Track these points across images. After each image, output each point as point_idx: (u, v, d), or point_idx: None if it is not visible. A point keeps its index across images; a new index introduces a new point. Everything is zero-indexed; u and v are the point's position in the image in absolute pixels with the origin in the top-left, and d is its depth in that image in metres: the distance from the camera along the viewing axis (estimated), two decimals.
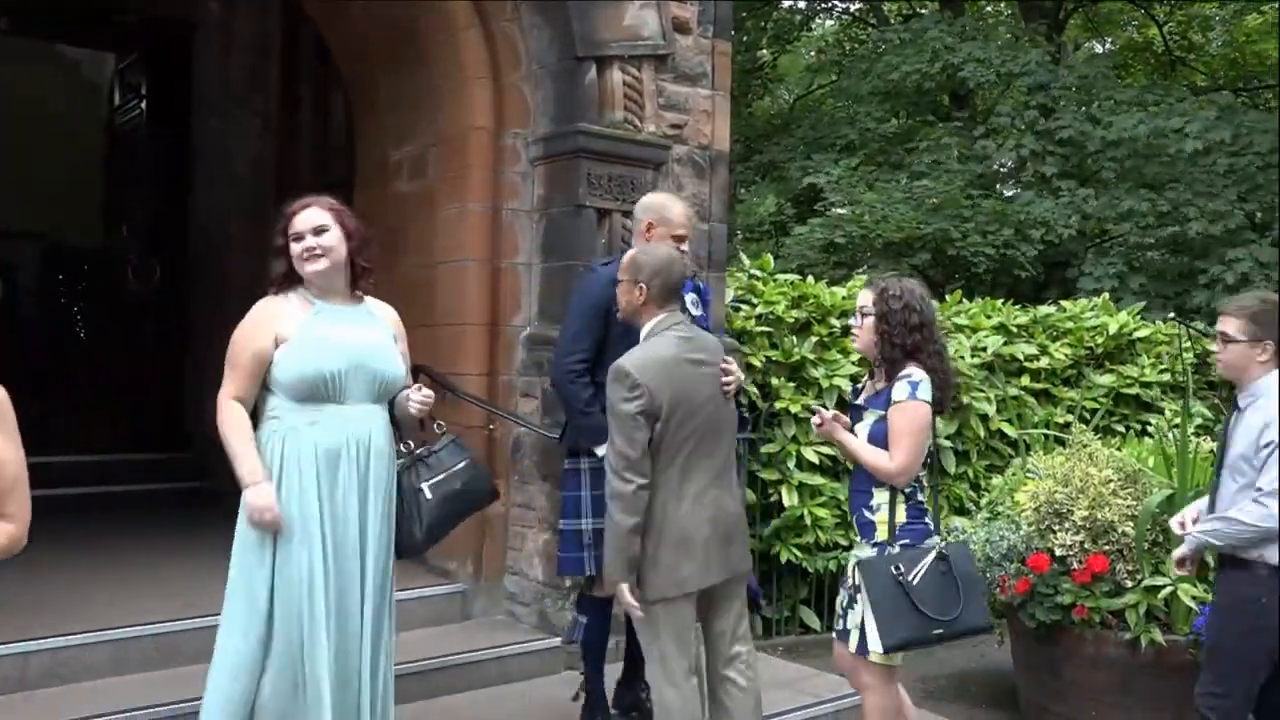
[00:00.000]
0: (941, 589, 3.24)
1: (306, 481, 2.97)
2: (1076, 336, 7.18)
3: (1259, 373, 3.47)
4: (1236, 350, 3.49)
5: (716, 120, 5.41)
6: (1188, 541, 3.53)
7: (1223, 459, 3.55)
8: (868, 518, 3.38)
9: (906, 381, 3.30)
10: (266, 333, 3.03)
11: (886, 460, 3.29)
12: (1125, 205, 10.76)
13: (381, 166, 5.74)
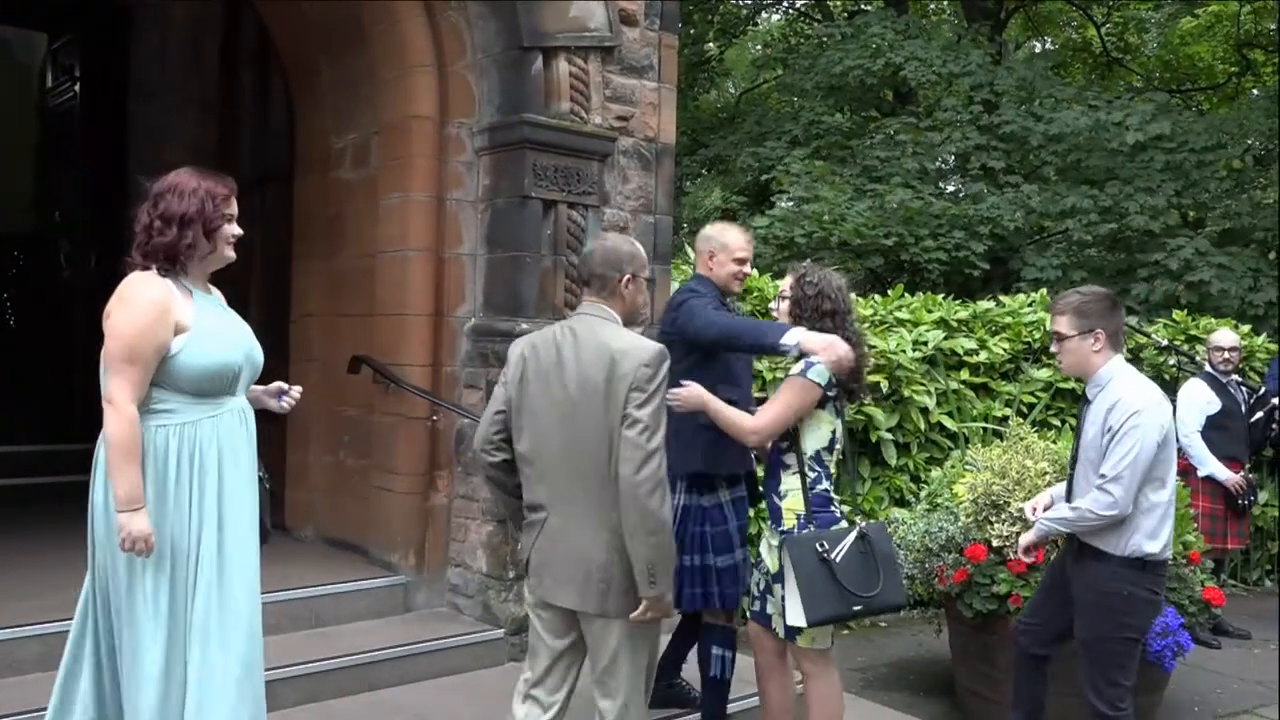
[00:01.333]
0: (862, 567, 3.40)
1: (208, 476, 2.85)
2: (1015, 331, 7.30)
3: (1099, 362, 3.62)
4: (1072, 346, 3.64)
5: (663, 113, 5.42)
6: (1035, 529, 3.71)
7: (1076, 452, 3.70)
8: (776, 503, 3.54)
9: (805, 360, 3.47)
10: (168, 321, 2.80)
11: (748, 420, 3.47)
12: (1068, 201, 10.98)
13: (323, 154, 5.66)
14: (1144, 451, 3.44)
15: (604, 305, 3.11)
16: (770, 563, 3.55)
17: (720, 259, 4.02)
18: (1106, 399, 3.55)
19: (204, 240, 2.90)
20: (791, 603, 3.39)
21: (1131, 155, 11.36)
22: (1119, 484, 3.43)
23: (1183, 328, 8.02)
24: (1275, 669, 5.79)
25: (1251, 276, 10.41)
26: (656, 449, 2.87)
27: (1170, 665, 4.42)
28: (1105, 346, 3.61)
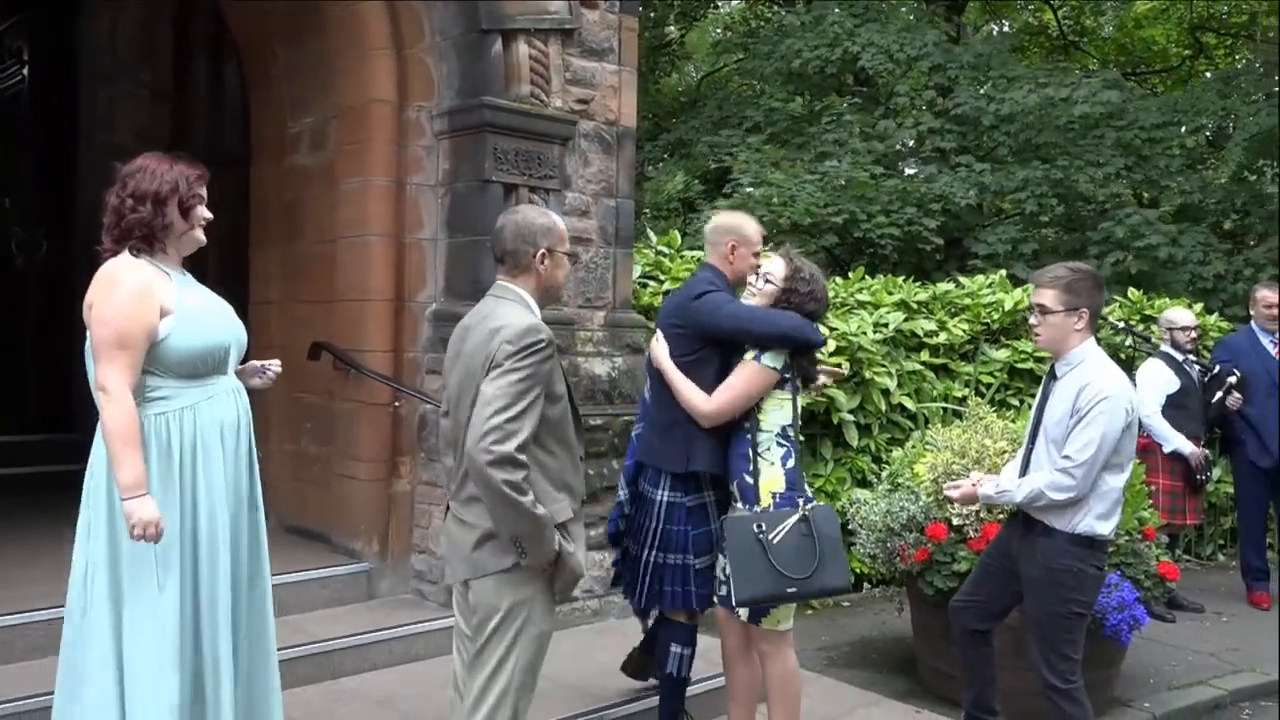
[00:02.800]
0: (800, 550, 3.41)
1: (213, 459, 2.84)
2: (974, 313, 7.37)
3: (1076, 341, 3.63)
4: (1055, 321, 3.63)
5: (623, 96, 5.42)
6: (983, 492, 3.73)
7: (1037, 424, 3.72)
8: (749, 482, 3.54)
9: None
10: (154, 305, 2.75)
11: (703, 400, 3.53)
12: (1020, 175, 11.13)
13: (279, 138, 5.60)
14: (1108, 437, 3.49)
15: (514, 284, 2.99)
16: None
17: (741, 252, 3.89)
18: (1076, 379, 3.58)
19: (180, 219, 2.85)
20: (741, 580, 3.45)
21: (1083, 132, 11.53)
22: (1081, 468, 3.47)
23: (1138, 307, 8.14)
24: (1228, 641, 5.91)
25: (1202, 250, 10.61)
26: (498, 426, 2.69)
27: (1127, 639, 4.51)
28: (1086, 326, 3.64)
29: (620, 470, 5.12)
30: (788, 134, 13.35)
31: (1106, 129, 11.47)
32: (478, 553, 2.87)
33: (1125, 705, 4.87)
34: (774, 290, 3.62)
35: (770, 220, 11.05)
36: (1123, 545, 4.67)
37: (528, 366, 2.77)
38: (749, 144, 12.50)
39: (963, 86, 12.41)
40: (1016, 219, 11.90)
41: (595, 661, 4.45)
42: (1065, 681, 3.62)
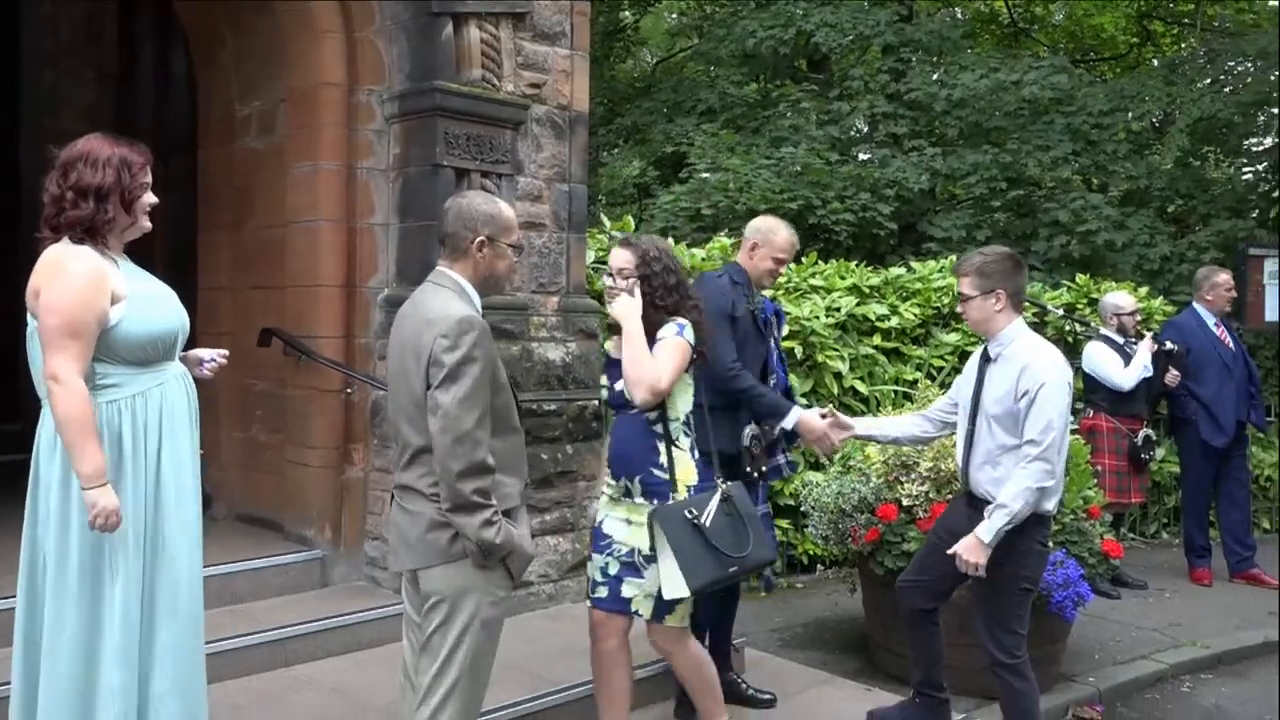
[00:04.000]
0: (730, 528, 3.41)
1: (164, 446, 2.81)
2: (925, 297, 7.46)
3: (1002, 322, 3.74)
4: (975, 305, 3.75)
5: (576, 80, 5.41)
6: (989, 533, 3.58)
7: (976, 407, 3.78)
8: (660, 477, 3.41)
9: (674, 323, 3.46)
10: (105, 291, 2.71)
11: (654, 370, 3.35)
12: (971, 159, 11.27)
13: (227, 122, 5.54)
14: (1062, 413, 3.58)
15: (452, 270, 2.96)
16: (638, 541, 3.41)
17: (761, 253, 4.15)
18: (1013, 360, 3.66)
19: (123, 213, 2.80)
20: (669, 575, 3.32)
21: (1033, 118, 11.69)
22: (1050, 449, 3.55)
23: (1085, 291, 8.28)
24: (1170, 617, 6.06)
25: (1148, 233, 10.81)
26: (467, 434, 2.70)
27: (1071, 615, 4.61)
28: (1007, 306, 3.73)
29: (574, 453, 5.17)
30: (743, 119, 13.39)
31: (1056, 114, 11.64)
32: (424, 541, 2.86)
33: (1070, 680, 4.99)
34: (634, 283, 3.48)
35: (726, 206, 11.11)
36: (1068, 524, 4.77)
37: (473, 368, 2.74)
38: (704, 129, 12.53)
39: (915, 70, 12.52)
40: (969, 204, 12.04)
41: (548, 645, 4.47)
42: (1011, 656, 3.70)
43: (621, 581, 3.43)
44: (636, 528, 3.42)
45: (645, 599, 3.42)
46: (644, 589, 3.41)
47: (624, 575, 3.43)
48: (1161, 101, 12.10)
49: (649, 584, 3.39)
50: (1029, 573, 3.73)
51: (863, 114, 12.53)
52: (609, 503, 3.53)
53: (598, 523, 3.55)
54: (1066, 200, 10.93)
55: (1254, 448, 8.03)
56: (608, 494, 3.54)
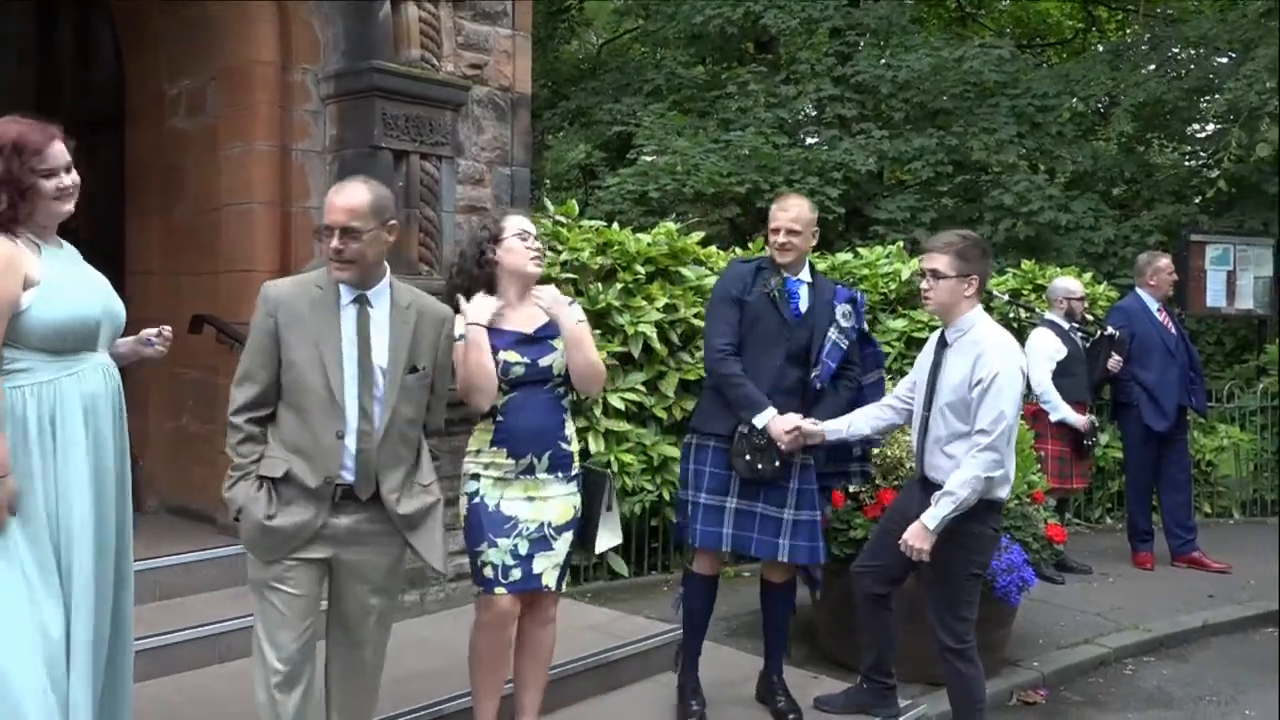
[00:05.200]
0: None
1: (73, 438, 2.73)
2: (872, 283, 7.54)
3: (966, 308, 3.75)
4: (946, 286, 3.73)
5: (517, 61, 5.38)
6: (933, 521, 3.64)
7: (931, 393, 3.80)
8: (567, 450, 3.52)
9: (571, 302, 3.57)
10: (18, 275, 2.65)
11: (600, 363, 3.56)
12: (917, 143, 11.39)
13: (156, 101, 5.43)
14: (1014, 403, 3.62)
15: None
16: (548, 514, 3.46)
17: (769, 235, 4.12)
18: (970, 347, 3.69)
19: (20, 202, 2.69)
20: (610, 528, 3.62)
21: (978, 100, 11.86)
22: (1001, 438, 3.59)
23: (1030, 277, 8.41)
24: (1113, 601, 6.21)
25: (1092, 216, 11.02)
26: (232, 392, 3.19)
27: (1016, 600, 4.70)
28: (975, 293, 3.76)
29: None
30: (691, 102, 13.42)
31: (1001, 97, 11.82)
32: None
33: (1015, 665, 5.09)
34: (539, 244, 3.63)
35: (674, 189, 11.14)
36: (1012, 509, 4.85)
37: (250, 330, 3.09)
38: (651, 110, 12.52)
39: (863, 53, 12.63)
40: (916, 189, 12.19)
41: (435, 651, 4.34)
42: (960, 642, 3.76)
43: (533, 559, 3.44)
44: (540, 502, 3.46)
45: (554, 569, 3.48)
46: (553, 559, 3.47)
47: (534, 552, 3.44)
48: (1106, 86, 12.32)
49: (558, 554, 3.48)
50: (979, 558, 3.79)
51: (810, 97, 12.61)
52: (498, 484, 3.44)
53: (490, 509, 3.43)
54: (1011, 184, 11.11)
55: (1195, 433, 8.23)
56: (494, 476, 3.44)
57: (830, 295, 4.14)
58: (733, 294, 4.07)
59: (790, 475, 4.04)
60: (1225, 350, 11.19)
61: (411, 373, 3.08)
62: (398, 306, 3.10)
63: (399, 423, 3.05)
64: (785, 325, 4.05)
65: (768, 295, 4.05)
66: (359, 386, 3.01)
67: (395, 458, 3.06)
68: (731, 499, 4.06)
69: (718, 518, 4.07)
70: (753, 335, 4.04)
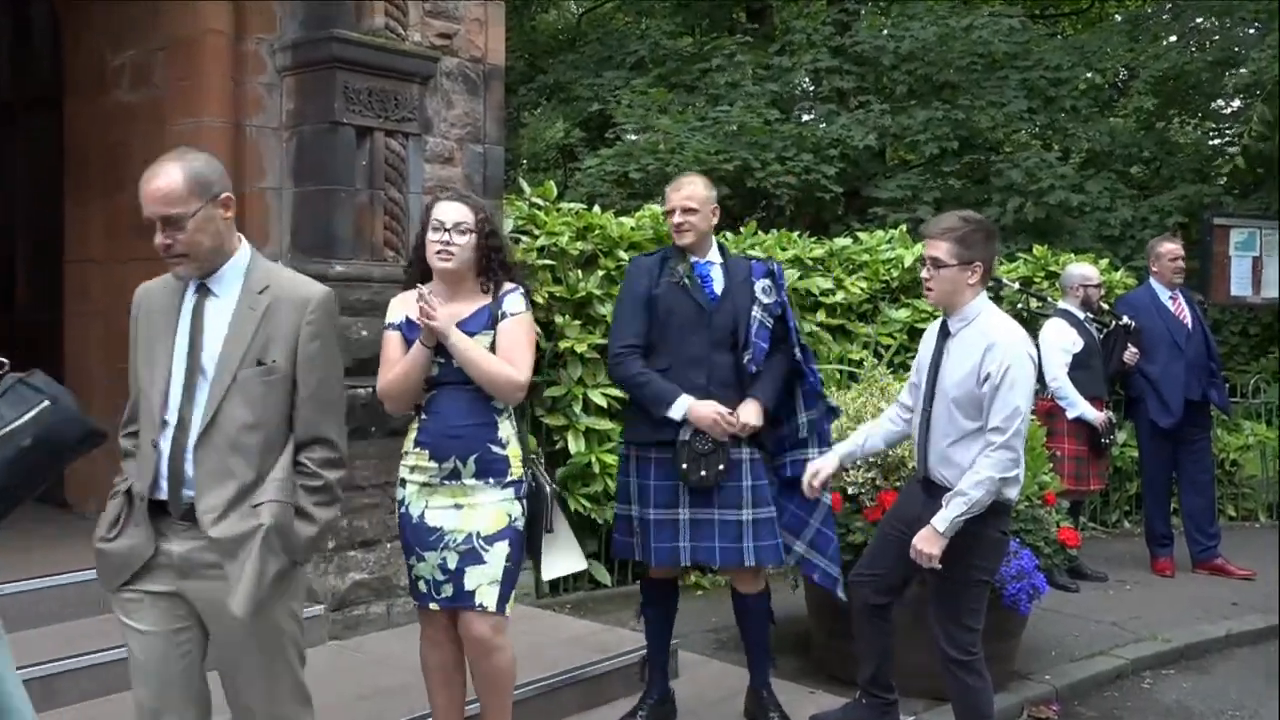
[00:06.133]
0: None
1: None
2: (873, 269, 7.57)
3: (969, 296, 3.74)
4: (948, 276, 3.71)
5: (490, 31, 5.38)
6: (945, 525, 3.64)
7: (933, 387, 3.81)
8: (498, 454, 3.42)
9: (518, 294, 3.50)
10: None
11: (514, 372, 3.40)
12: (921, 116, 11.42)
13: (98, 73, 5.40)
14: (1028, 399, 3.64)
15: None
16: (476, 524, 3.36)
17: (671, 218, 4.15)
18: (977, 338, 3.68)
19: None
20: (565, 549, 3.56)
21: (986, 73, 11.90)
22: (1017, 437, 3.59)
23: (1042, 263, 8.46)
24: (1130, 610, 6.26)
25: (1108, 196, 11.06)
26: None
27: (1025, 609, 4.73)
28: (979, 280, 3.76)
29: None
30: (676, 75, 13.42)
31: (1011, 69, 11.85)
32: None
33: (1025, 678, 5.12)
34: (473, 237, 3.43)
35: (657, 169, 11.14)
36: (1022, 511, 4.88)
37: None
38: (634, 86, 12.53)
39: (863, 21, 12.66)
40: (920, 169, 12.23)
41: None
42: (965, 653, 3.77)
43: (464, 573, 3.36)
44: (470, 510, 3.37)
45: (490, 586, 3.36)
46: (488, 574, 3.36)
47: (465, 565, 3.36)
48: (1124, 58, 12.39)
49: (492, 568, 3.36)
50: (986, 563, 3.79)
51: (806, 69, 12.63)
52: (423, 490, 3.42)
53: (414, 519, 3.41)
54: (1020, 160, 11.14)
55: (1218, 430, 8.29)
56: (419, 481, 3.42)
57: (746, 273, 4.17)
58: (638, 290, 4.10)
59: (741, 473, 4.05)
60: (1251, 342, 11.25)
61: (256, 367, 2.73)
62: (248, 292, 2.78)
63: (228, 428, 2.70)
64: (703, 312, 4.08)
65: (677, 284, 4.07)
66: (183, 387, 2.75)
67: (222, 471, 2.70)
68: (684, 510, 4.05)
69: (671, 532, 4.07)
70: (670, 329, 4.07)
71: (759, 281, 4.15)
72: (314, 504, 2.78)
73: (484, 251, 3.46)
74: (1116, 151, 12.23)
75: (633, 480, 4.15)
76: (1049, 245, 9.04)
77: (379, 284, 4.77)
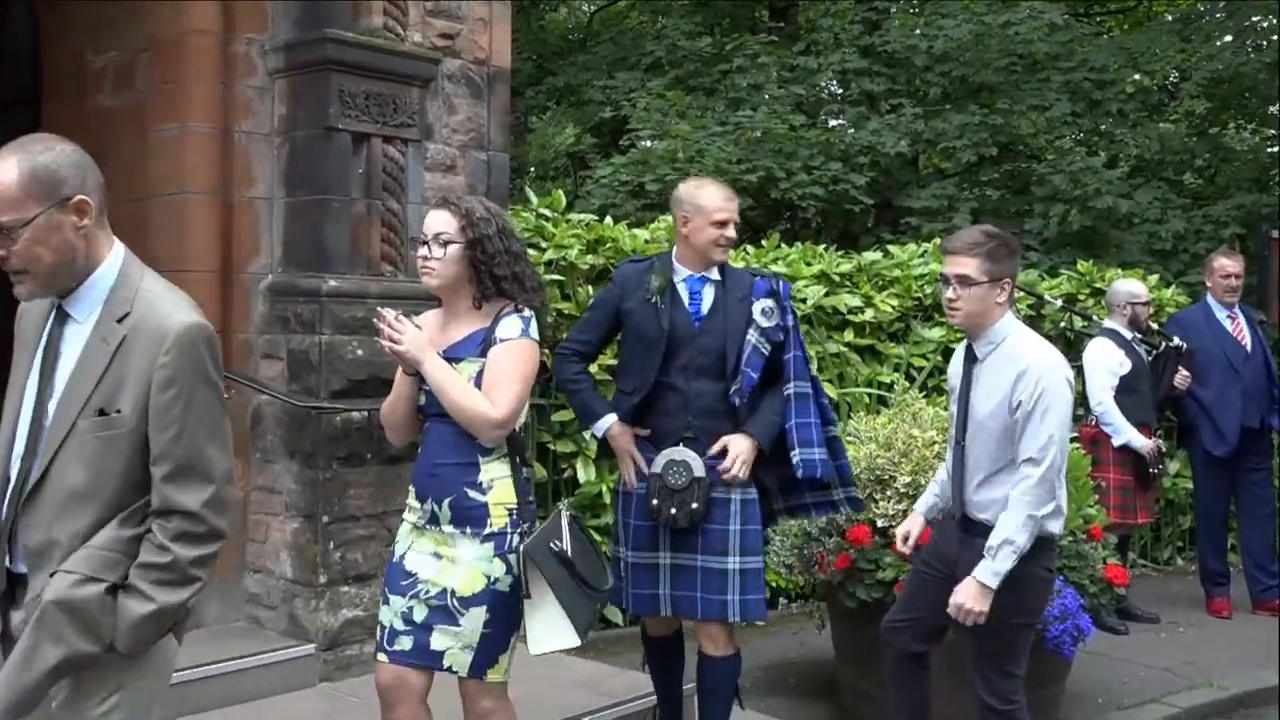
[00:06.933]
0: (584, 554, 3.29)
1: None
2: (905, 286, 7.56)
3: (997, 315, 3.71)
4: (977, 295, 3.66)
5: (495, 31, 5.41)
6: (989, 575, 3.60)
7: (965, 419, 3.77)
8: (476, 500, 3.20)
9: (518, 317, 3.25)
10: None
11: (488, 407, 3.14)
12: (957, 121, 11.42)
13: (77, 75, 5.46)
14: (1064, 426, 3.60)
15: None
16: (452, 580, 3.19)
17: (696, 224, 3.96)
18: (1007, 363, 3.65)
19: None
20: (550, 624, 3.21)
21: (1026, 74, 11.91)
22: (1054, 469, 3.55)
23: (1088, 279, 8.44)
24: (1184, 654, 6.21)
25: (1159, 206, 11.02)
26: None
27: (1070, 652, 4.69)
28: (1007, 299, 3.73)
29: None
30: (695, 77, 13.47)
31: (1053, 70, 11.86)
32: None
33: None
34: (458, 249, 3.22)
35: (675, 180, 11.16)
36: (1066, 546, 4.85)
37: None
38: (650, 89, 12.58)
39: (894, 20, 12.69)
40: (955, 177, 12.24)
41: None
42: (1006, 702, 3.72)
43: (431, 630, 3.18)
44: (448, 565, 3.20)
45: (463, 651, 3.18)
46: (461, 639, 3.18)
47: (434, 623, 3.18)
48: (1174, 59, 12.38)
49: (467, 633, 3.17)
50: (1033, 604, 3.73)
51: (833, 70, 12.66)
52: (412, 531, 3.31)
53: (395, 558, 3.31)
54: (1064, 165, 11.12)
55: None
56: (410, 521, 3.32)
57: (745, 291, 4.02)
58: (608, 299, 4.14)
59: (728, 515, 3.91)
60: None
61: (96, 417, 2.36)
62: (106, 319, 2.41)
63: (56, 491, 2.37)
64: (675, 335, 3.94)
65: (649, 302, 3.97)
66: (27, 434, 2.42)
67: (45, 545, 2.37)
68: (664, 553, 3.94)
69: (651, 577, 3.96)
70: (637, 352, 4.02)
71: (759, 302, 4.00)
72: (151, 582, 2.35)
73: (472, 264, 3.23)
74: (1167, 159, 12.21)
75: (619, 517, 4.10)
76: (1095, 260, 9.01)
77: (375, 300, 4.78)
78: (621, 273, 4.21)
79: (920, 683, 4.04)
